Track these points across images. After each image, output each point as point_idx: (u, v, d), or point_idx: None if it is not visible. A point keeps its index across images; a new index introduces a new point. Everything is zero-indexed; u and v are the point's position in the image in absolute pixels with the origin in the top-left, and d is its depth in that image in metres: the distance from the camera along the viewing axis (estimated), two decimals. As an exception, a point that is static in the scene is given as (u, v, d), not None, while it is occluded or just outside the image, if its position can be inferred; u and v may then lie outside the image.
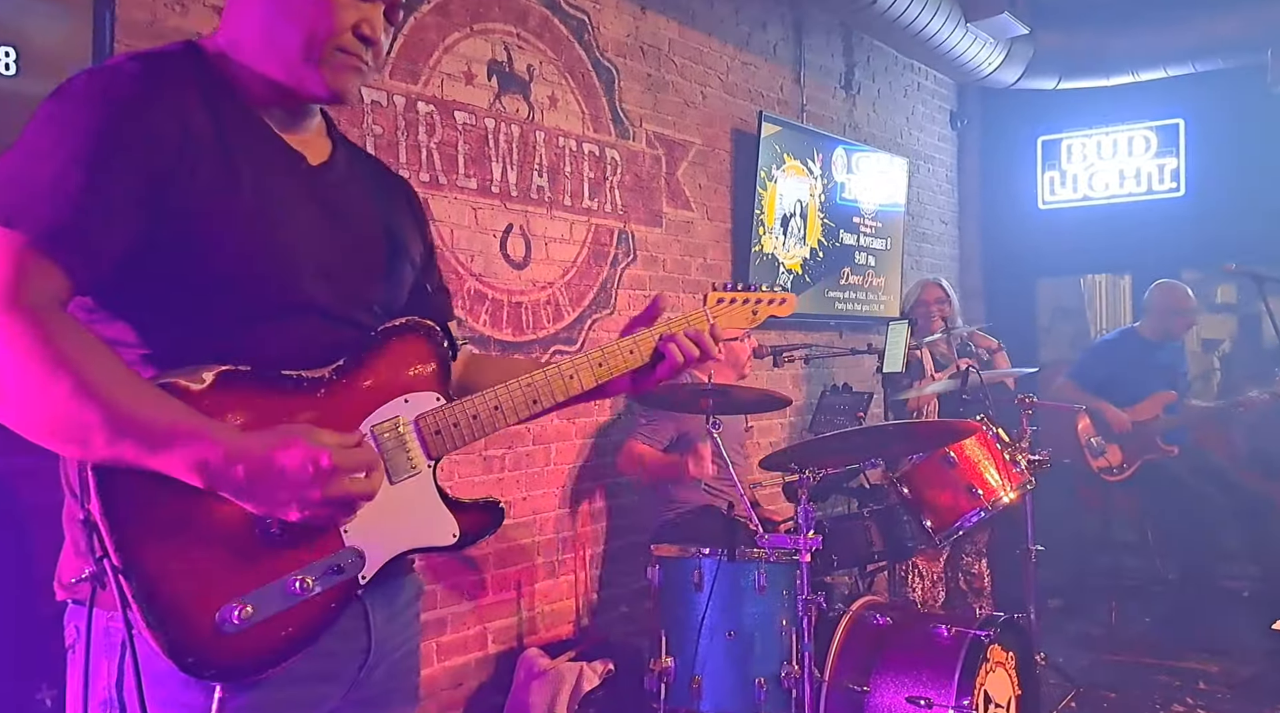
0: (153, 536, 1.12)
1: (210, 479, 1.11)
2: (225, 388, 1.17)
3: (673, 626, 2.96)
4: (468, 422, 1.36)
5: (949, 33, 5.30)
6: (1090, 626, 4.81)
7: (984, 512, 3.18)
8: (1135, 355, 5.02)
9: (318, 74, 1.27)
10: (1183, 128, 6.27)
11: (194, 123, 1.20)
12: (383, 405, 1.30)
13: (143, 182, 1.15)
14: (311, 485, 1.12)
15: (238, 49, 1.29)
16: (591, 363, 1.48)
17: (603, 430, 4.01)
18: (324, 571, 1.20)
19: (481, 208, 3.51)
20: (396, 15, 1.34)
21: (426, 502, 1.33)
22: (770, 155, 4.75)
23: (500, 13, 3.57)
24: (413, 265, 1.45)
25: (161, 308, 1.20)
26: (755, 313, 1.69)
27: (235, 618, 1.13)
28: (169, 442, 1.09)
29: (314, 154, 1.35)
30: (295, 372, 1.24)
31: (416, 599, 1.47)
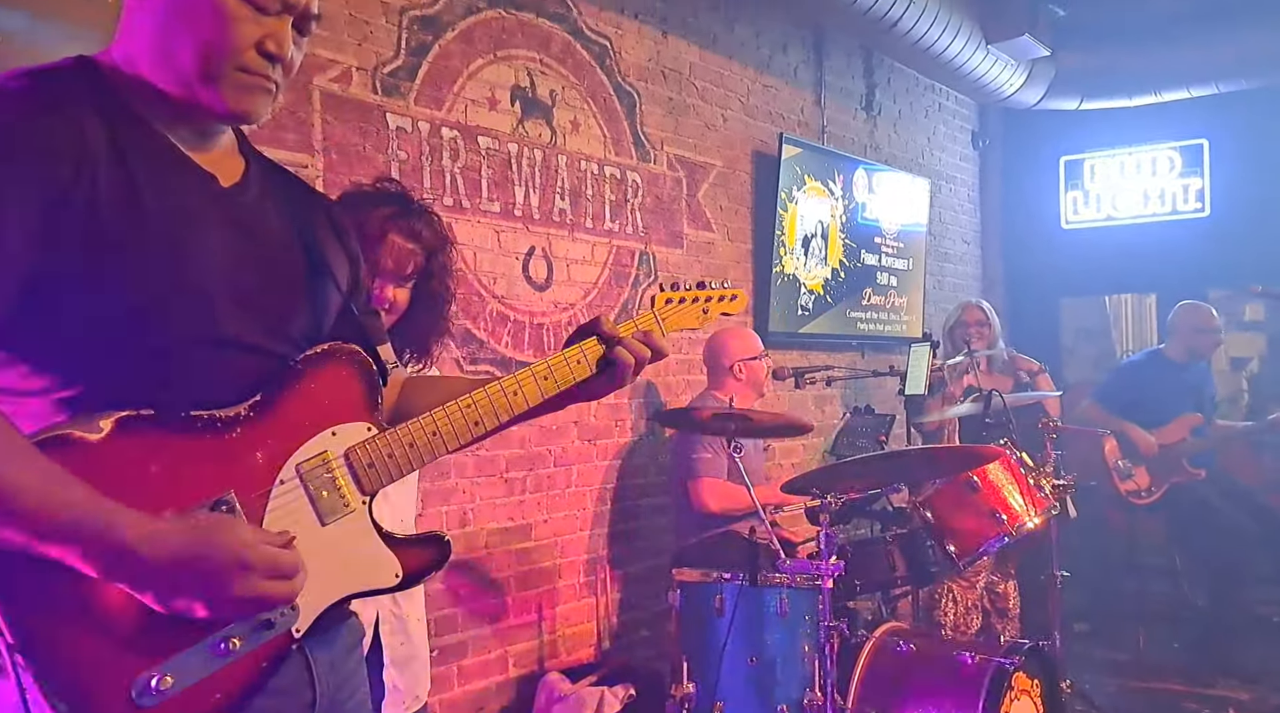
0: (53, 610, 1.01)
1: (108, 572, 1.01)
2: (126, 435, 1.06)
3: (694, 651, 2.95)
4: (404, 451, 1.26)
5: (970, 54, 5.31)
6: (1117, 652, 4.75)
7: (1007, 537, 3.15)
8: (1161, 377, 4.98)
9: (217, 94, 1.14)
10: (1207, 148, 6.24)
11: (91, 143, 1.09)
12: (308, 441, 1.19)
13: (35, 211, 1.04)
14: (224, 587, 1.03)
15: (133, 63, 1.16)
16: (536, 377, 1.38)
17: (624, 452, 4.01)
18: (253, 627, 1.10)
19: (504, 231, 3.54)
20: (308, 27, 1.21)
21: (363, 542, 1.23)
22: (791, 177, 4.76)
23: (523, 39, 3.61)
24: (337, 287, 1.33)
25: (58, 347, 1.09)
26: (705, 312, 1.60)
27: (153, 688, 1.03)
28: (60, 532, 0.99)
29: (225, 174, 1.23)
30: (206, 411, 1.12)
31: (357, 645, 1.37)
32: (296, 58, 1.21)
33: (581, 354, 1.41)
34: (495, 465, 3.48)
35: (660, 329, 1.51)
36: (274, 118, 2.81)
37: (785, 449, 4.86)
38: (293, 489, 1.18)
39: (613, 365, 1.41)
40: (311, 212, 1.35)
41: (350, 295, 1.36)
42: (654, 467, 4.12)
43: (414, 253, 2.05)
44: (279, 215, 1.28)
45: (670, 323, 1.55)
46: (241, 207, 1.23)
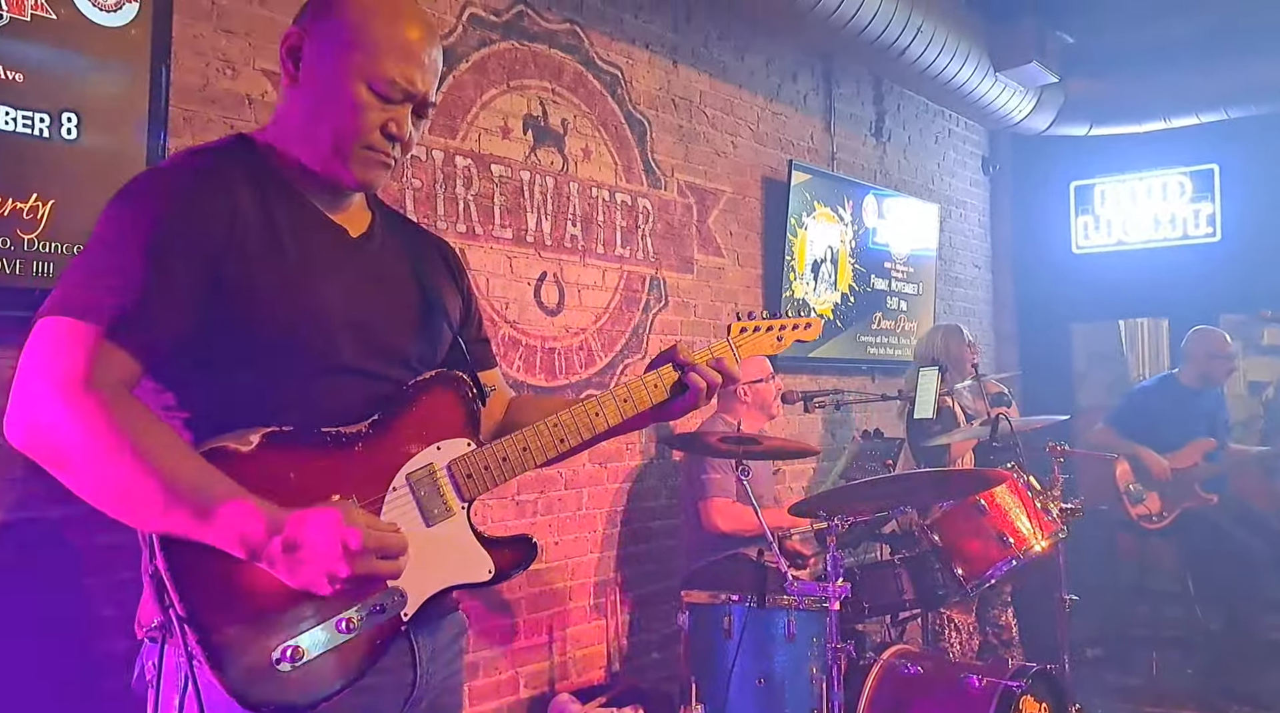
0: (211, 587, 1.23)
1: (251, 552, 1.20)
2: (271, 449, 1.28)
3: (703, 672, 2.98)
4: (497, 464, 1.44)
5: (978, 82, 5.38)
6: (1130, 677, 4.74)
7: (1015, 560, 3.18)
8: (1175, 402, 5.00)
9: (346, 168, 1.38)
10: (1218, 173, 6.27)
11: (242, 204, 1.32)
12: (417, 455, 1.39)
13: (199, 266, 1.27)
14: (340, 564, 1.20)
15: (284, 141, 1.41)
16: (617, 399, 1.55)
17: (634, 475, 4.07)
18: (368, 610, 1.30)
19: (516, 257, 3.61)
20: (426, 111, 1.44)
21: (462, 541, 1.41)
22: (801, 202, 4.83)
23: (536, 70, 3.70)
24: (449, 321, 1.54)
25: (211, 376, 1.31)
26: (780, 339, 1.77)
27: (288, 658, 1.23)
28: (214, 517, 1.19)
29: (355, 227, 1.47)
30: (334, 429, 1.34)
31: (459, 637, 1.53)
32: (415, 137, 1.44)
33: (659, 379, 1.59)
34: (507, 488, 3.53)
35: (735, 356, 1.66)
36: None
37: (795, 472, 4.90)
38: (404, 495, 1.38)
39: (686, 390, 1.59)
40: (429, 254, 1.58)
41: (462, 326, 1.58)
42: (664, 490, 4.17)
43: None
44: (399, 260, 1.51)
45: (745, 351, 1.71)
46: (367, 253, 1.46)
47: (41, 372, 1.21)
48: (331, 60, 1.37)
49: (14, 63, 2.28)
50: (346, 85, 1.36)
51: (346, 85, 1.36)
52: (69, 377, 1.20)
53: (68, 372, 1.20)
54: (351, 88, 1.36)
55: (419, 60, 1.39)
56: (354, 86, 1.36)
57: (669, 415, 1.62)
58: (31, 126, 2.30)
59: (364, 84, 1.36)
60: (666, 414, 1.62)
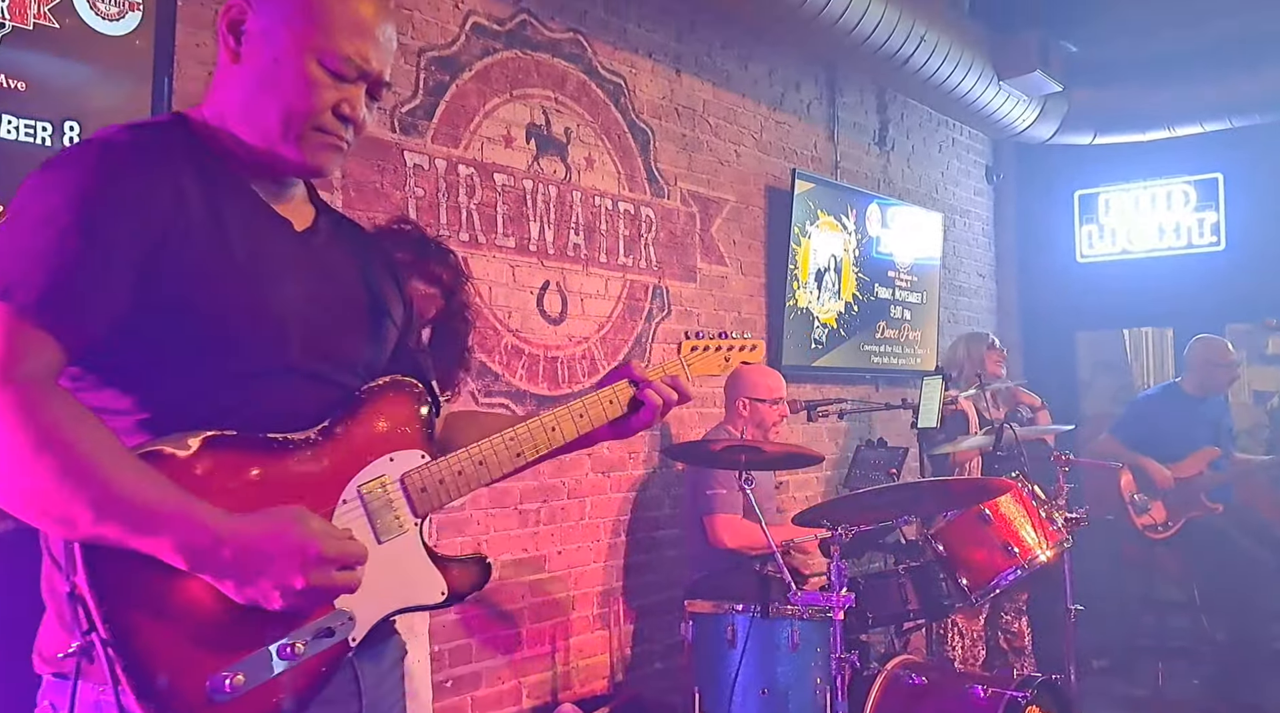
0: (142, 606, 1.11)
1: (195, 562, 1.11)
2: (211, 453, 1.18)
3: (706, 682, 2.97)
4: (453, 478, 1.37)
5: (982, 91, 5.38)
6: (1136, 688, 4.71)
7: (1020, 570, 3.16)
8: (1178, 411, 4.98)
9: (295, 150, 1.28)
10: (1222, 182, 6.26)
11: (186, 190, 1.22)
12: (369, 465, 1.31)
13: (135, 247, 1.16)
14: (296, 574, 1.12)
15: (223, 120, 1.30)
16: (573, 414, 1.51)
17: (638, 485, 4.05)
18: (314, 634, 1.20)
19: (519, 266, 3.61)
20: (380, 92, 1.35)
21: (414, 560, 1.33)
22: (804, 211, 4.82)
23: (539, 79, 3.70)
24: (395, 325, 1.45)
25: (149, 373, 1.20)
26: (727, 360, 1.76)
27: (226, 687, 1.12)
28: (154, 524, 1.09)
29: (299, 220, 1.37)
30: (281, 434, 1.24)
31: (400, 663, 1.45)
32: (368, 119, 1.34)
33: (614, 395, 1.55)
34: (510, 497, 3.53)
35: (686, 375, 1.64)
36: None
37: (798, 482, 4.89)
38: (354, 508, 1.29)
39: (642, 406, 1.55)
40: (372, 255, 1.48)
41: (404, 332, 1.49)
42: (667, 499, 4.15)
43: (434, 297, 2.13)
44: (345, 258, 1.41)
45: (695, 369, 1.70)
46: (313, 250, 1.36)
47: None
48: (280, 35, 1.26)
49: (16, 72, 2.28)
50: (296, 61, 1.25)
51: (296, 61, 1.25)
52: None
53: None
54: (302, 64, 1.25)
55: (373, 36, 1.30)
56: (304, 63, 1.25)
57: (625, 433, 1.58)
58: (34, 135, 2.30)
59: (315, 60, 1.26)
60: (623, 431, 1.58)
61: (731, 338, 1.76)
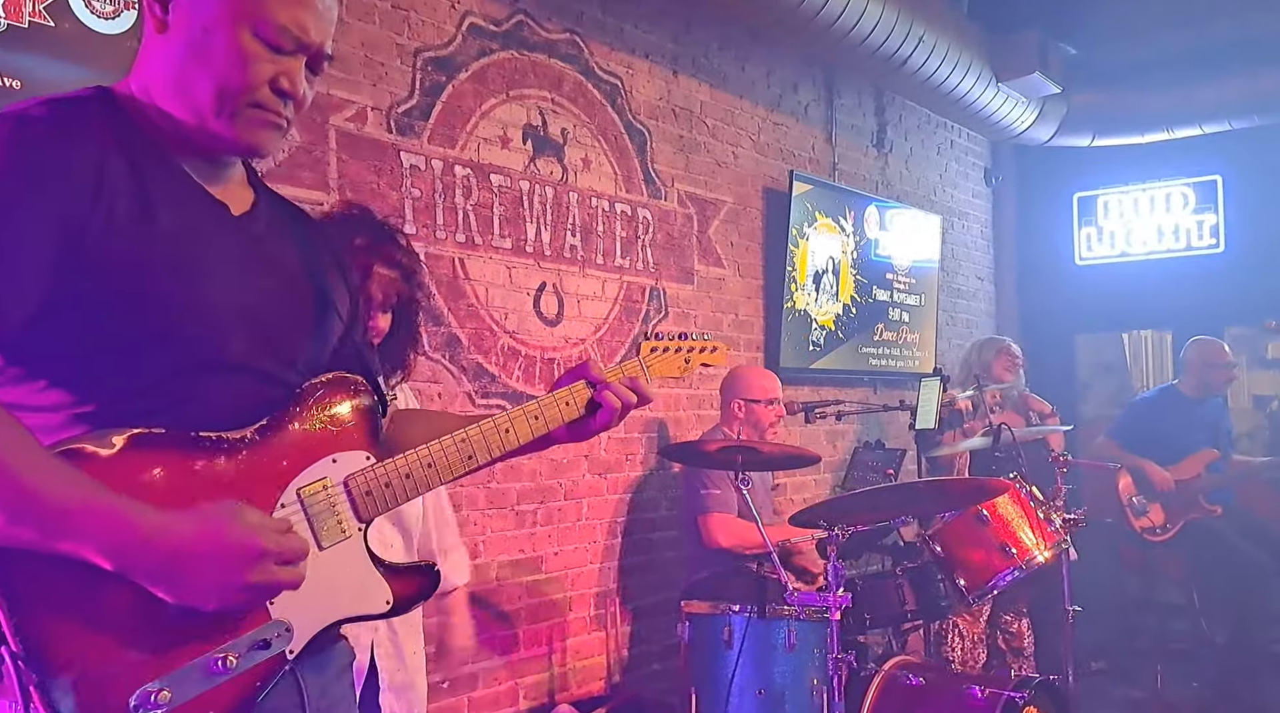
0: (57, 616, 1.04)
1: (122, 563, 1.04)
2: (137, 452, 1.10)
3: (703, 683, 2.97)
4: (400, 481, 1.30)
5: (980, 92, 5.39)
6: (1135, 690, 4.71)
7: (1018, 571, 3.17)
8: (1176, 413, 4.99)
9: (230, 127, 1.20)
10: (1221, 184, 6.27)
11: (109, 169, 1.14)
12: (309, 466, 1.23)
13: (54, 232, 1.09)
14: (237, 572, 1.07)
15: (149, 94, 1.21)
16: (527, 415, 1.43)
17: (635, 486, 4.05)
18: (248, 646, 1.13)
19: (516, 267, 3.62)
20: (320, 66, 1.26)
21: (357, 568, 1.26)
22: (802, 213, 4.83)
23: (535, 79, 3.71)
24: (340, 318, 1.37)
25: (73, 367, 1.13)
26: (687, 361, 1.68)
27: (151, 703, 1.05)
28: (75, 523, 1.02)
29: (236, 204, 1.28)
30: (214, 433, 1.16)
31: (348, 668, 1.39)
32: (308, 95, 1.26)
33: (571, 396, 1.47)
34: (506, 498, 3.53)
35: (646, 376, 1.58)
36: (290, 156, 2.91)
37: (796, 484, 4.89)
38: (294, 512, 1.21)
39: (598, 409, 1.47)
40: (317, 244, 1.39)
41: (350, 326, 1.41)
42: (664, 500, 4.15)
43: (395, 280, 2.11)
44: (287, 246, 1.33)
45: (654, 371, 1.63)
46: (251, 235, 1.28)
47: None
48: (209, 2, 1.17)
49: (11, 70, 2.29)
50: (229, 32, 1.17)
51: (229, 32, 1.17)
52: None
53: None
54: (235, 34, 1.17)
55: (311, 4, 1.21)
56: (238, 33, 1.17)
57: (583, 435, 1.50)
58: (29, 133, 2.30)
59: (249, 30, 1.17)
60: (581, 433, 1.50)
61: (692, 339, 1.69)
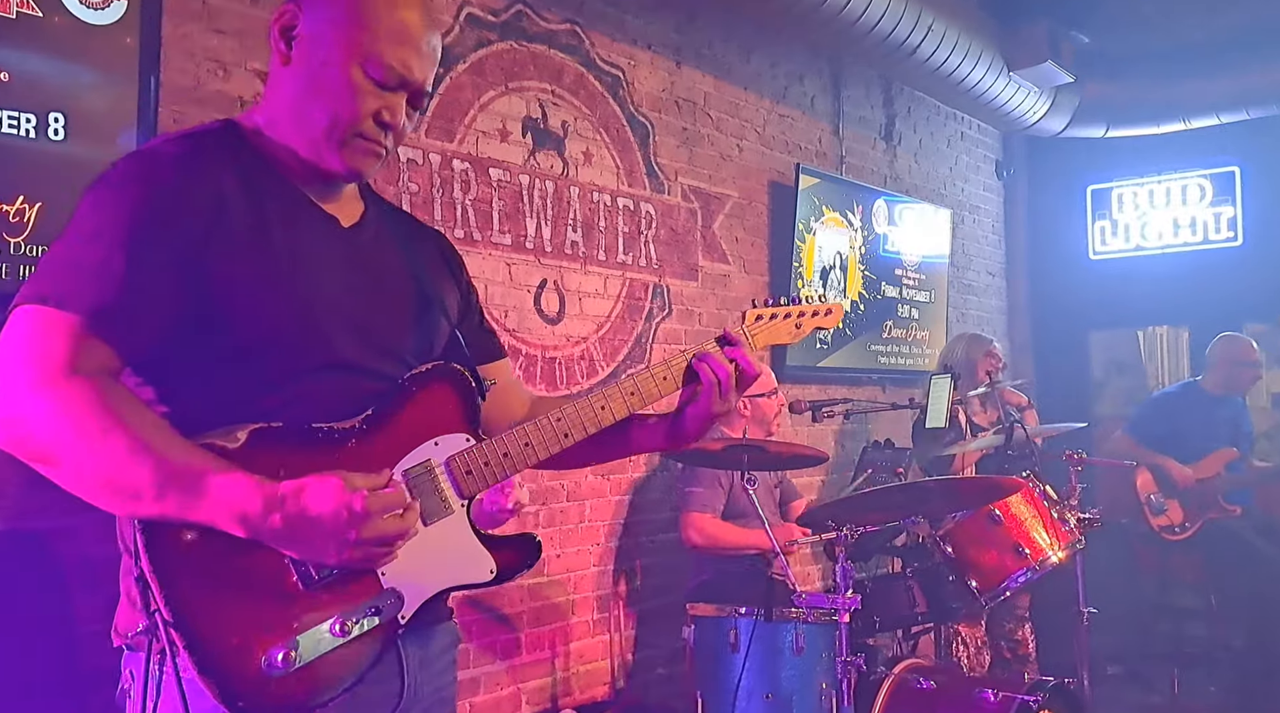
0: (200, 588, 1.22)
1: (251, 528, 1.20)
2: (259, 445, 1.27)
3: (709, 687, 2.98)
4: (498, 460, 1.42)
5: (991, 82, 5.39)
6: (1151, 695, 4.72)
7: (1031, 572, 3.18)
8: (1197, 410, 4.99)
9: (338, 155, 1.37)
10: (1239, 175, 6.26)
11: (229, 194, 1.31)
12: (414, 450, 1.37)
13: (181, 257, 1.26)
14: (347, 528, 1.21)
15: (273, 125, 1.40)
16: (623, 392, 1.50)
17: (638, 487, 4.06)
18: (364, 613, 1.28)
19: (515, 263, 3.63)
20: (421, 102, 1.42)
21: (462, 540, 1.40)
22: (809, 207, 4.84)
23: (535, 71, 3.72)
24: (446, 314, 1.52)
25: (196, 373, 1.30)
26: (799, 326, 1.65)
27: (280, 662, 1.22)
28: (210, 494, 1.19)
29: (346, 216, 1.45)
30: (326, 424, 1.32)
31: (452, 647, 1.51)
32: (408, 127, 1.43)
33: (668, 370, 1.52)
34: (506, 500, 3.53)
35: (749, 344, 1.55)
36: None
37: (802, 485, 4.88)
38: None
39: (697, 380, 1.49)
40: (424, 247, 1.57)
41: (461, 320, 1.56)
42: (668, 502, 4.16)
43: None
44: (393, 251, 1.49)
45: (760, 339, 1.60)
46: (359, 244, 1.45)
47: (20, 362, 1.19)
48: (328, 40, 1.35)
49: (1, 62, 2.30)
50: (342, 67, 1.34)
51: (342, 67, 1.34)
52: (50, 364, 1.19)
53: (48, 359, 1.19)
54: (347, 70, 1.34)
55: (417, 46, 1.38)
56: (350, 69, 1.34)
57: (684, 429, 1.52)
58: (17, 127, 2.32)
59: (359, 67, 1.34)
60: (681, 428, 1.52)
61: (804, 303, 1.64)
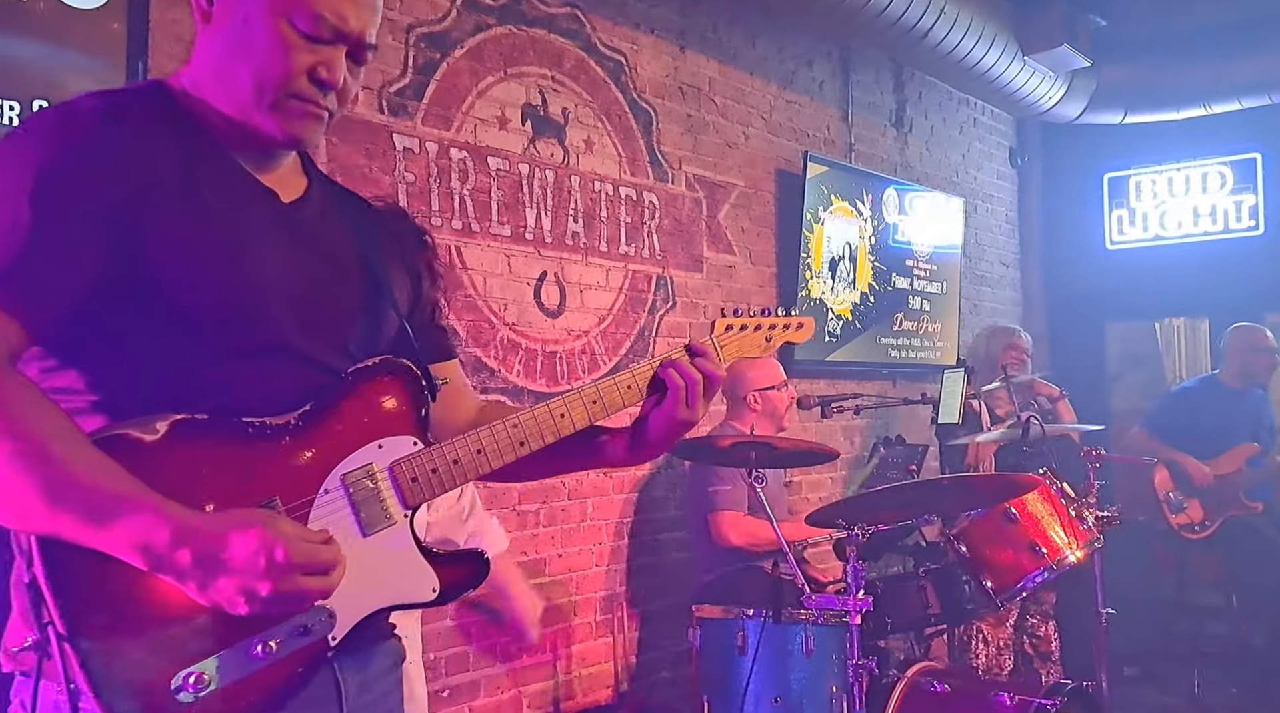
0: (102, 598, 1.10)
1: (153, 561, 1.07)
2: (181, 438, 1.15)
3: (715, 691, 2.95)
4: (447, 467, 1.32)
5: (1005, 67, 5.34)
6: (1170, 696, 4.69)
7: (1048, 572, 3.14)
8: (1216, 404, 4.96)
9: (271, 119, 1.25)
10: (1260, 162, 6.21)
11: (160, 159, 1.20)
12: (355, 452, 1.27)
13: (101, 220, 1.15)
14: (261, 579, 1.08)
15: (200, 88, 1.28)
16: (585, 400, 1.40)
17: (642, 485, 4.03)
18: (290, 632, 1.16)
19: (515, 255, 3.59)
20: (364, 55, 1.30)
21: (403, 555, 1.29)
22: (817, 196, 4.79)
23: (535, 56, 3.68)
24: (394, 305, 1.40)
25: (119, 351, 1.18)
26: (769, 340, 1.59)
27: (191, 685, 1.10)
28: (111, 519, 1.06)
29: (287, 191, 1.34)
30: (258, 419, 1.21)
31: (395, 668, 1.40)
32: (352, 85, 1.30)
33: (632, 377, 1.43)
34: (507, 498, 3.51)
35: (718, 355, 1.49)
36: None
37: (811, 482, 4.86)
38: (337, 499, 1.24)
39: (663, 390, 1.41)
40: (374, 229, 1.43)
41: (411, 311, 1.44)
42: (673, 500, 4.13)
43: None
44: (339, 232, 1.38)
45: (729, 351, 1.54)
46: (301, 221, 1.33)
47: None
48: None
49: (-18, 49, 2.28)
50: (267, 22, 1.22)
51: (267, 22, 1.22)
52: None
53: None
54: (273, 24, 1.22)
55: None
56: (275, 23, 1.22)
57: (647, 439, 1.44)
58: (0, 114, 2.29)
59: (285, 20, 1.22)
60: (644, 438, 1.44)
61: (774, 316, 1.59)
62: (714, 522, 3.52)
